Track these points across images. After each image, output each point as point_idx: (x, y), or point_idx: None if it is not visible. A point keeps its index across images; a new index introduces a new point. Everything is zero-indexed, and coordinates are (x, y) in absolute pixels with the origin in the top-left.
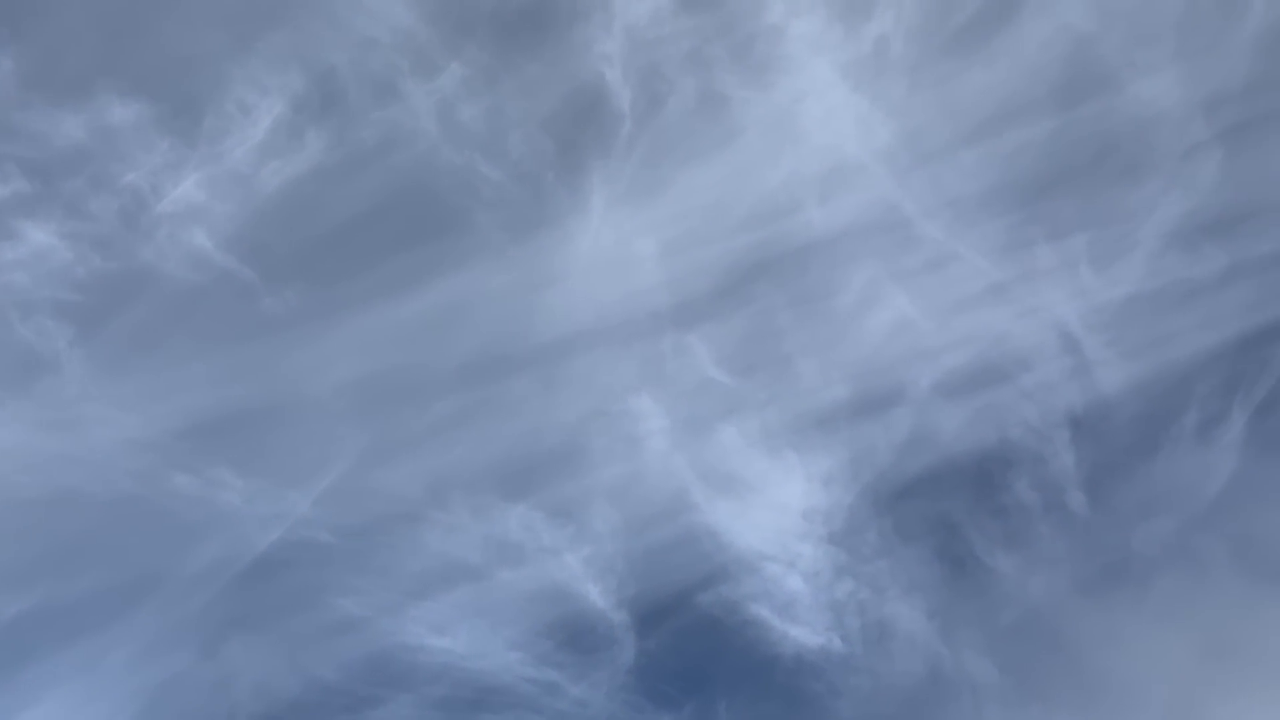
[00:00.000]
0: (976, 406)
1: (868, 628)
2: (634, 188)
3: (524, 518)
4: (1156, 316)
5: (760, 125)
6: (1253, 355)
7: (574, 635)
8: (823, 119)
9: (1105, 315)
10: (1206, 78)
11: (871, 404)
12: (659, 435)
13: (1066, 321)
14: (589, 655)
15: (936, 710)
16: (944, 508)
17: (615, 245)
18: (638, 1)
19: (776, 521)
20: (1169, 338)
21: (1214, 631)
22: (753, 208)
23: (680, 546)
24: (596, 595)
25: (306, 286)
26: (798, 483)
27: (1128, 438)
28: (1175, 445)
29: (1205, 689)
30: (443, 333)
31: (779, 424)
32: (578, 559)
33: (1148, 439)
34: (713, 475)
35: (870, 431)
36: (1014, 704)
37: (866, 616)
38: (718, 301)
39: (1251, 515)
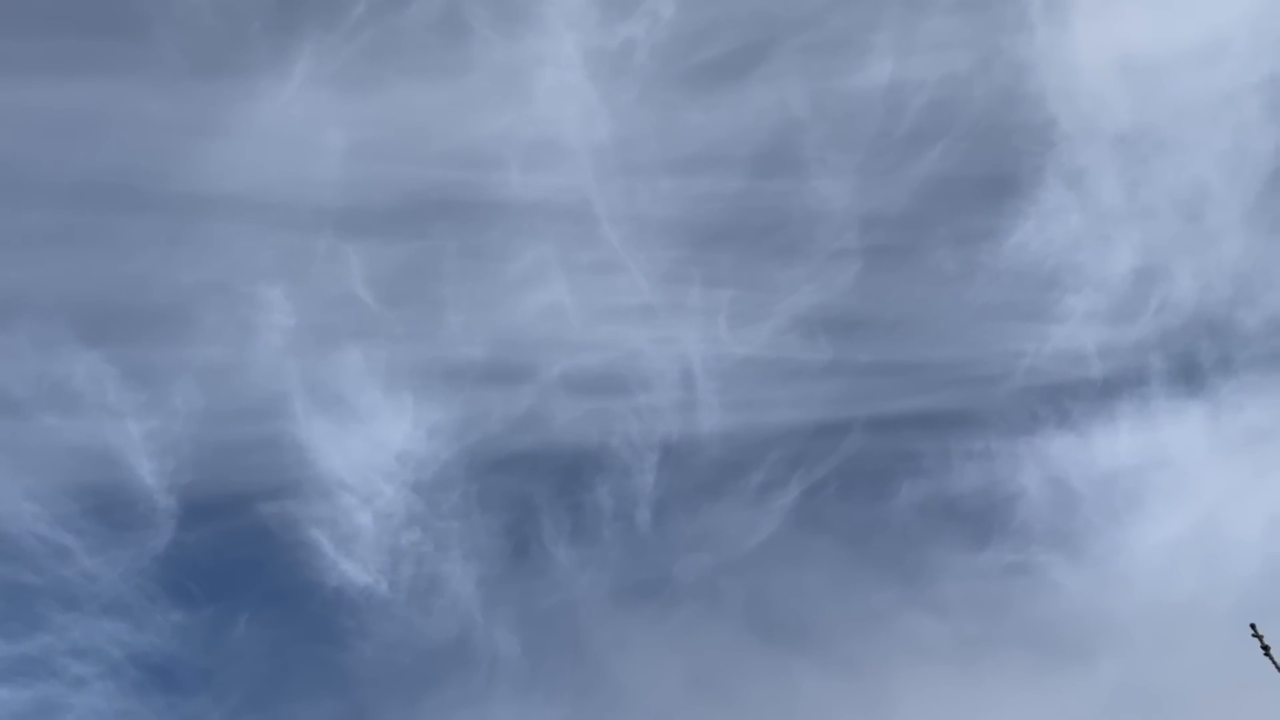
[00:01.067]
0: (591, 408)
1: (418, 580)
2: (345, 75)
3: (94, 368)
4: (761, 382)
5: (493, 71)
6: (822, 442)
7: (107, 506)
8: (552, 92)
9: (722, 366)
10: (873, 197)
11: (502, 374)
12: (279, 333)
13: (690, 360)
14: (118, 531)
15: (452, 672)
16: (529, 490)
17: (303, 124)
18: None
19: (369, 456)
20: (765, 404)
21: (707, 663)
22: (458, 147)
23: (259, 450)
24: (148, 472)
25: None
26: (404, 425)
27: (702, 477)
28: (737, 496)
29: (684, 712)
30: (71, 137)
31: (407, 363)
32: (141, 429)
33: (717, 484)
34: (321, 391)
35: (491, 399)
36: (523, 683)
37: (421, 569)
38: (390, 223)
39: (772, 575)
